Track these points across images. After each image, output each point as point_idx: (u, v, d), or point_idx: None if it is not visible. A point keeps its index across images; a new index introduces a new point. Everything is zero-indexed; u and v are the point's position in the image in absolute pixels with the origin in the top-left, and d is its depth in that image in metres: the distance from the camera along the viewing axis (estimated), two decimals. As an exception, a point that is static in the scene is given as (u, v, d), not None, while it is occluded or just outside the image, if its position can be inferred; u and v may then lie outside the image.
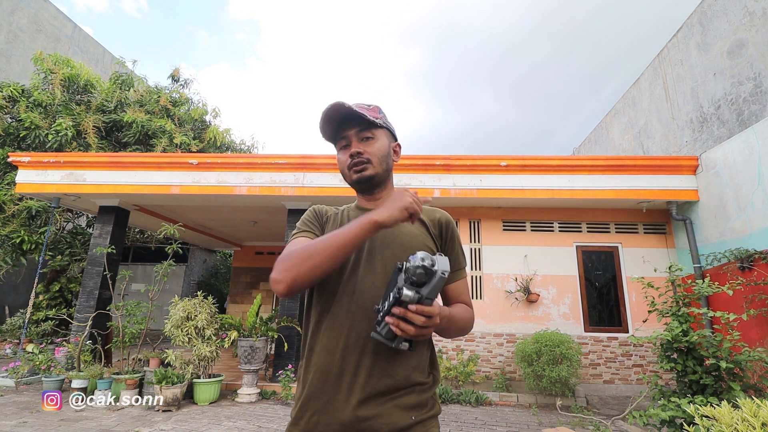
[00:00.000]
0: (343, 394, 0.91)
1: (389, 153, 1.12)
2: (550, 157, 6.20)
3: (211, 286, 13.91)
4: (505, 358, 5.96)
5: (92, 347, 5.68)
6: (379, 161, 1.08)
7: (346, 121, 1.08)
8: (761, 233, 4.72)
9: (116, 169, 6.14)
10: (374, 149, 1.07)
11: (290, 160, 6.06)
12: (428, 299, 0.77)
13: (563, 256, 6.32)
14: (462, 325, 1.02)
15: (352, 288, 0.98)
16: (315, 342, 0.98)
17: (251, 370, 5.30)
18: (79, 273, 8.34)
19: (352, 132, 1.07)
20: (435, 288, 0.76)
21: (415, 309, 0.76)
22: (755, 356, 2.92)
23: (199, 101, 11.46)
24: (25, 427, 3.91)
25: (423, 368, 0.99)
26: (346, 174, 1.10)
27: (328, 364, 0.94)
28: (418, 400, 0.95)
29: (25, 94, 8.62)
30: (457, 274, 1.10)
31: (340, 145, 1.11)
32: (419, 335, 0.79)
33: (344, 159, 1.09)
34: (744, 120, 5.94)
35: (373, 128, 1.08)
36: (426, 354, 1.02)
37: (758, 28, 5.73)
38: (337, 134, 1.10)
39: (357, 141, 1.07)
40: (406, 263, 0.78)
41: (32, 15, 11.99)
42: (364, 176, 1.07)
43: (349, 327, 0.95)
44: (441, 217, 1.13)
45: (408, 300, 0.76)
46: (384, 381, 0.92)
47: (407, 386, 0.94)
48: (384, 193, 1.14)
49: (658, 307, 3.43)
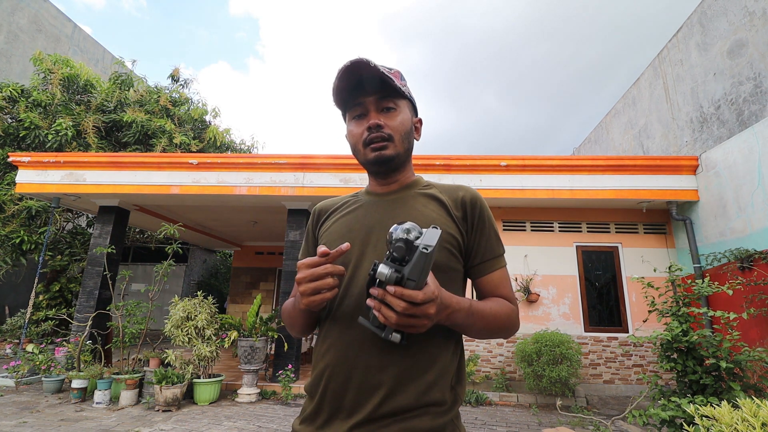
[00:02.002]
0: (344, 414, 0.78)
1: (412, 129, 0.94)
2: (550, 157, 6.20)
3: (211, 286, 13.91)
4: (505, 358, 5.96)
5: (92, 347, 5.68)
6: (401, 139, 0.90)
7: (363, 84, 0.87)
8: (761, 233, 4.72)
9: (116, 169, 6.14)
10: (396, 123, 0.89)
11: (290, 160, 6.05)
12: (410, 280, 0.62)
13: (563, 256, 6.32)
14: (496, 323, 0.82)
15: (349, 287, 0.85)
16: (318, 349, 0.88)
17: (251, 370, 5.30)
18: (79, 273, 8.35)
19: (370, 99, 0.88)
20: (417, 267, 0.62)
21: (394, 291, 0.62)
22: (755, 356, 2.92)
23: (199, 101, 11.47)
24: (25, 427, 3.91)
25: (444, 384, 0.79)
26: (360, 151, 0.91)
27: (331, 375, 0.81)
28: (431, 425, 0.75)
29: (25, 94, 8.61)
30: (492, 263, 0.90)
31: (353, 114, 0.91)
32: (405, 325, 0.65)
33: (358, 132, 0.89)
34: (744, 120, 5.94)
35: (396, 97, 0.90)
36: (451, 364, 0.82)
37: (758, 28, 5.73)
38: (351, 99, 0.90)
39: (375, 111, 0.89)
40: (389, 235, 0.66)
41: (32, 15, 11.98)
42: (384, 156, 0.88)
43: (349, 331, 0.81)
44: (465, 195, 0.92)
45: (383, 279, 0.63)
46: (392, 401, 0.75)
47: (418, 407, 0.76)
48: (401, 176, 0.96)
49: (658, 307, 3.43)
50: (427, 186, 0.98)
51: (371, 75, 0.86)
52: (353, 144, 0.92)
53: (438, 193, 0.94)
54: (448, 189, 0.95)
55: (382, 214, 0.91)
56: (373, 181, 0.98)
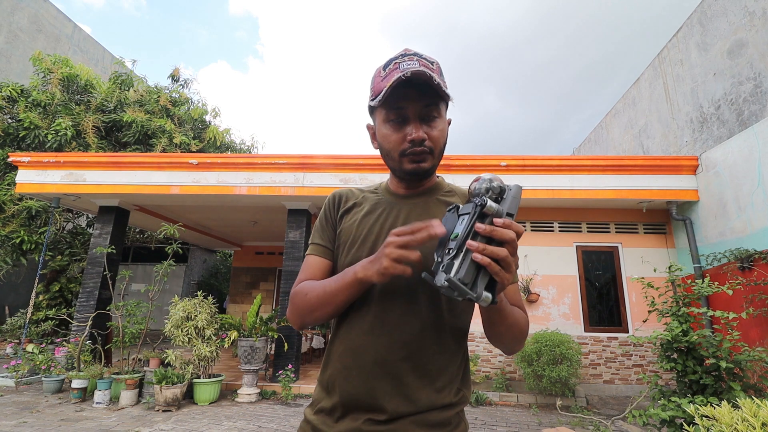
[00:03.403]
0: (362, 410, 0.80)
1: (447, 136, 0.90)
2: (550, 157, 6.21)
3: (211, 286, 13.92)
4: (505, 358, 5.96)
5: (92, 347, 5.68)
6: (440, 151, 0.87)
7: (412, 89, 0.81)
8: (761, 233, 4.72)
9: (116, 169, 6.14)
10: (438, 134, 0.85)
11: (290, 160, 6.06)
12: (510, 215, 0.63)
13: (563, 256, 6.32)
14: (518, 327, 0.82)
15: (375, 288, 0.82)
16: (338, 346, 0.87)
17: (251, 370, 5.30)
18: (79, 273, 8.35)
19: (415, 106, 0.82)
20: (515, 202, 0.64)
21: (503, 222, 0.61)
22: (755, 356, 2.92)
23: (199, 101, 11.48)
24: (25, 427, 3.91)
25: (452, 387, 0.83)
26: (395, 159, 0.86)
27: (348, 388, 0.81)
28: (439, 418, 0.80)
29: (25, 94, 8.62)
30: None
31: (390, 116, 0.85)
32: (509, 264, 0.62)
33: (396, 139, 0.85)
34: (744, 120, 5.94)
35: (440, 102, 0.85)
36: (459, 366, 0.85)
37: (758, 28, 5.73)
38: (392, 101, 0.82)
39: (417, 120, 0.83)
40: (471, 191, 0.68)
41: (32, 15, 11.99)
42: (422, 168, 0.85)
43: (365, 348, 0.81)
44: None
45: (493, 212, 0.62)
46: (403, 407, 0.78)
47: (433, 409, 0.80)
48: (427, 182, 0.94)
49: (658, 307, 3.43)
50: (449, 192, 0.97)
51: (425, 84, 0.80)
52: (387, 149, 0.87)
53: (460, 201, 0.94)
54: (466, 195, 0.94)
55: (405, 220, 0.90)
56: (398, 182, 0.95)
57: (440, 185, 0.97)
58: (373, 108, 0.88)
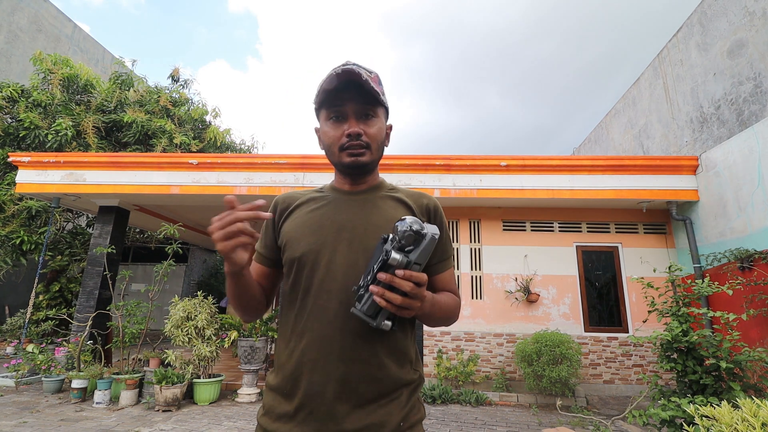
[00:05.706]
0: (327, 405, 0.83)
1: (385, 137, 1.00)
2: (550, 157, 6.21)
3: (211, 286, 13.90)
4: (505, 358, 5.96)
5: (92, 347, 5.68)
6: (378, 147, 0.97)
7: (348, 89, 0.90)
8: (761, 233, 4.72)
9: (116, 169, 6.14)
10: (374, 131, 0.94)
11: (290, 160, 6.06)
12: (417, 264, 0.71)
13: (563, 256, 6.32)
14: (447, 313, 0.94)
15: (324, 282, 0.89)
16: (287, 345, 0.91)
17: (251, 370, 5.30)
18: (79, 273, 8.34)
19: (351, 105, 0.92)
20: (425, 252, 0.71)
21: (403, 274, 0.69)
22: (755, 356, 2.92)
23: (199, 101, 11.46)
24: (25, 427, 3.91)
25: (410, 366, 0.93)
26: (335, 153, 0.95)
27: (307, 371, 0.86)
28: (406, 402, 0.88)
29: (25, 94, 8.61)
30: (445, 263, 1.01)
31: (330, 114, 0.95)
32: (406, 307, 0.72)
33: (335, 135, 0.94)
34: (744, 120, 5.94)
35: (376, 105, 0.94)
36: (412, 350, 0.95)
37: (758, 28, 5.73)
38: (332, 100, 0.93)
39: (355, 117, 0.93)
40: (394, 230, 0.73)
41: (32, 15, 11.98)
42: (360, 162, 0.94)
43: (329, 325, 0.86)
44: (429, 203, 1.02)
45: (395, 264, 0.70)
46: (373, 386, 0.84)
47: (397, 388, 0.87)
48: (369, 178, 1.02)
49: (658, 307, 3.43)
50: (392, 189, 1.05)
51: (358, 83, 0.89)
52: (328, 144, 0.96)
53: (404, 197, 1.02)
54: (412, 195, 1.04)
55: (353, 213, 0.96)
56: (342, 179, 1.03)
57: (383, 184, 1.06)
58: (318, 110, 0.98)
